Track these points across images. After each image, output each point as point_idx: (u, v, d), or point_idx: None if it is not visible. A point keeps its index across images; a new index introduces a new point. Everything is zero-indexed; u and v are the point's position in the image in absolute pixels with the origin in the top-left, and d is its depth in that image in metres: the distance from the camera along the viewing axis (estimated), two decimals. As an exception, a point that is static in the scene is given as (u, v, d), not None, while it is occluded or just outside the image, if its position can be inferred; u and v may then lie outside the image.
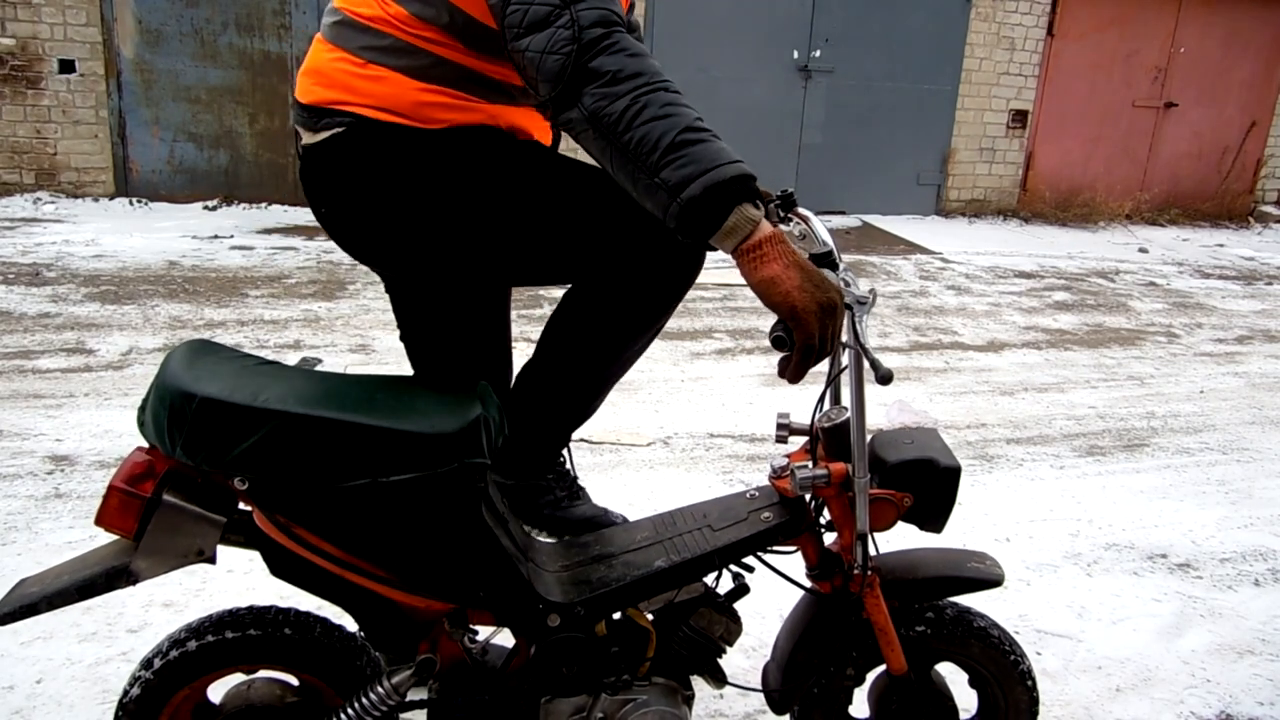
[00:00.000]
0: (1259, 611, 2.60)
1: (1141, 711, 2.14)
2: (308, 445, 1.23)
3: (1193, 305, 6.23)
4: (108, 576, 1.29)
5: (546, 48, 1.21)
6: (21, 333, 4.13)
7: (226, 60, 6.88)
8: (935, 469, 1.44)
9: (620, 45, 1.21)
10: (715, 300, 5.42)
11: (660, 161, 1.17)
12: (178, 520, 1.28)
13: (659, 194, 1.19)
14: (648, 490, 3.04)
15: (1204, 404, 4.32)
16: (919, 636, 1.60)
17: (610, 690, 1.47)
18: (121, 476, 1.29)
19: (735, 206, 1.18)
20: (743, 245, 1.20)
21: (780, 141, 8.10)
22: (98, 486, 2.84)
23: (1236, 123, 9.58)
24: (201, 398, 1.23)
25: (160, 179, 6.94)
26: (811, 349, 1.22)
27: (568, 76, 1.20)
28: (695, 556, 1.47)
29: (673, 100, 1.20)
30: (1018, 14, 8.51)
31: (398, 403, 1.31)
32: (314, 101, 1.45)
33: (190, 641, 1.39)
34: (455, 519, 1.32)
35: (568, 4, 1.21)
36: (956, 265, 6.87)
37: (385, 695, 1.38)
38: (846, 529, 1.46)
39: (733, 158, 1.19)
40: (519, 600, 1.41)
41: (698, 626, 1.51)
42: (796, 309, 1.19)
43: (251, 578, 2.36)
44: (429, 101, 1.42)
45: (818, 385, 1.60)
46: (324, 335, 4.32)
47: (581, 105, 1.20)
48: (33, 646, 2.09)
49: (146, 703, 1.39)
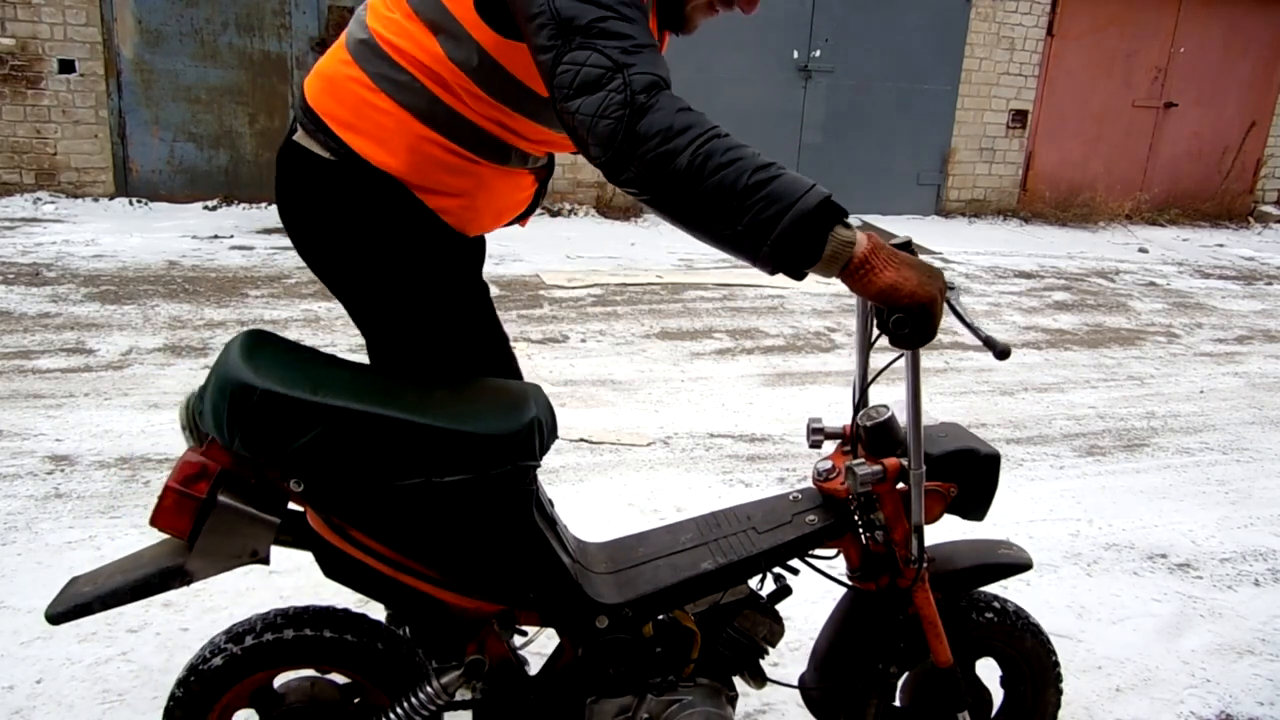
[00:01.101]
0: (1259, 611, 2.60)
1: (1141, 711, 2.14)
2: (365, 442, 1.25)
3: (1193, 305, 6.23)
4: (162, 576, 1.29)
5: (598, 111, 1.19)
6: (21, 333, 4.13)
7: (226, 60, 6.87)
8: (978, 458, 1.48)
9: (664, 104, 1.19)
10: (715, 300, 5.42)
11: (739, 208, 1.16)
12: (232, 521, 1.29)
13: (745, 241, 1.18)
14: (648, 490, 3.04)
15: (1204, 404, 4.32)
16: (985, 624, 1.62)
17: (655, 691, 1.48)
18: (176, 477, 1.29)
19: (828, 234, 1.18)
20: (849, 267, 1.20)
21: (780, 141, 8.10)
22: (98, 486, 2.84)
23: (1236, 123, 9.58)
24: (263, 390, 1.23)
25: (160, 179, 6.93)
26: (932, 332, 1.25)
27: (619, 141, 1.19)
28: (741, 559, 1.48)
29: (731, 145, 1.19)
30: (1018, 14, 8.50)
31: (454, 402, 1.33)
32: (320, 110, 1.45)
33: (287, 630, 1.38)
34: (507, 520, 1.34)
35: (621, 68, 1.20)
36: (956, 265, 6.87)
37: (434, 695, 1.39)
38: (899, 524, 1.47)
39: (809, 185, 1.17)
40: (568, 602, 1.42)
41: (742, 628, 1.53)
42: (925, 304, 1.21)
43: (251, 578, 2.36)
44: (426, 152, 1.42)
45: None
46: (324, 335, 4.32)
47: (640, 166, 1.19)
48: (33, 646, 2.09)
49: (223, 675, 1.38)
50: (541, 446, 1.34)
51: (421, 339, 1.54)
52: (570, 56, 1.21)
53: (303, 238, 1.53)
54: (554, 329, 4.71)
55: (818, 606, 2.21)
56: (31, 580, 2.32)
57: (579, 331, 4.69)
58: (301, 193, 1.49)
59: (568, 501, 2.92)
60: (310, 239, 1.52)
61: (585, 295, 5.38)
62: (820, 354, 4.59)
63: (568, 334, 4.64)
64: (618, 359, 4.33)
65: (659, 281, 5.76)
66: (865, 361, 1.53)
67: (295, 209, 1.51)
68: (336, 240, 1.48)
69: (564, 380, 4.00)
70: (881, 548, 1.51)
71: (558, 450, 3.29)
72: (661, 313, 5.12)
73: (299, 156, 1.48)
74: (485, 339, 1.62)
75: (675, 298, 5.44)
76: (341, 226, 1.47)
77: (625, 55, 1.20)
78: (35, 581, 2.32)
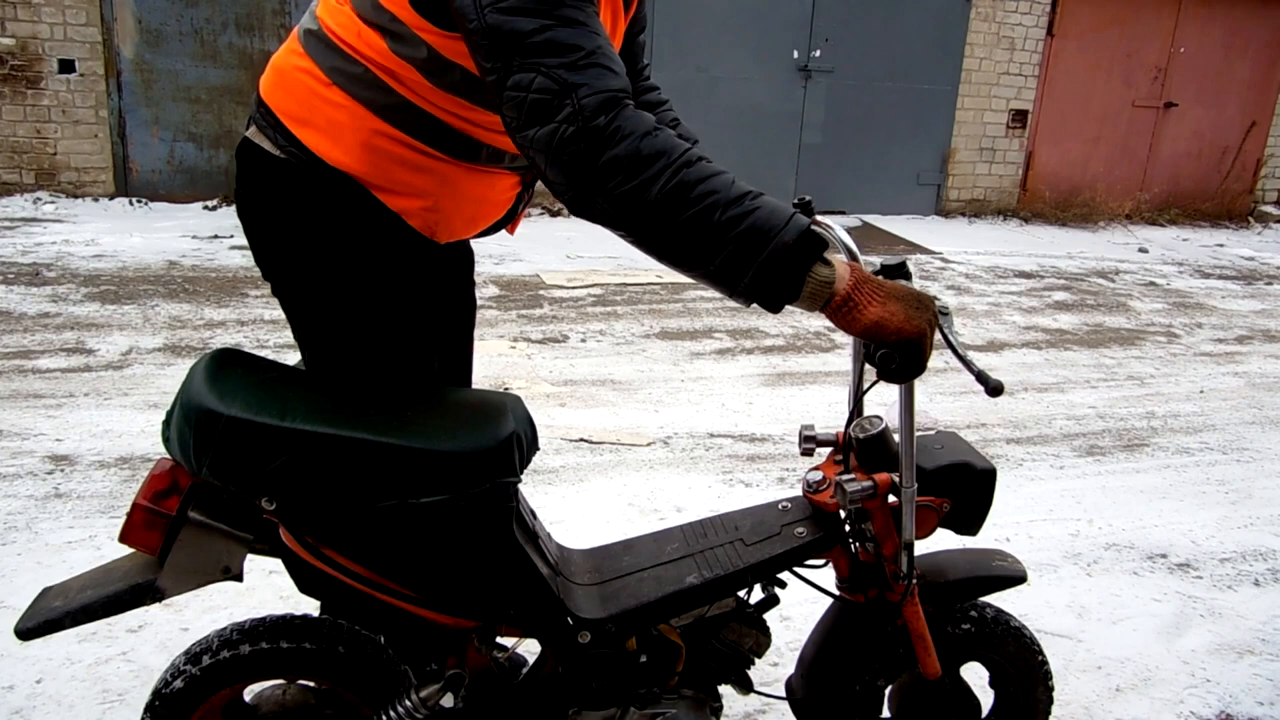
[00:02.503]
0: (1259, 611, 2.60)
1: (1141, 711, 2.14)
2: (337, 466, 1.21)
3: (1193, 305, 6.23)
4: (133, 593, 1.26)
5: (554, 145, 1.10)
6: (21, 333, 4.13)
7: (226, 60, 6.88)
8: (973, 472, 1.44)
9: (626, 127, 1.10)
10: (715, 300, 5.42)
11: (714, 245, 1.10)
12: (204, 538, 1.26)
13: (720, 278, 1.13)
14: (648, 490, 3.03)
15: (1204, 404, 4.32)
16: (964, 635, 1.60)
17: (639, 703, 1.46)
18: (145, 493, 1.26)
19: (805, 275, 1.12)
20: (831, 305, 1.14)
21: (780, 141, 8.10)
22: (98, 486, 2.84)
23: (1236, 123, 9.57)
24: (228, 418, 1.19)
25: (160, 179, 6.93)
26: (921, 367, 1.19)
27: (581, 178, 1.10)
28: (728, 574, 1.44)
29: (704, 174, 1.11)
30: (1018, 14, 8.50)
31: (428, 419, 1.28)
32: (273, 105, 1.36)
33: (243, 645, 1.34)
34: (486, 538, 1.30)
35: (569, 89, 1.09)
36: (956, 265, 6.87)
37: (414, 708, 1.36)
38: (889, 539, 1.44)
39: (786, 216, 1.10)
40: (549, 618, 1.39)
41: (728, 640, 1.50)
42: (913, 339, 1.16)
43: (251, 578, 2.36)
44: (383, 148, 1.32)
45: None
46: (324, 335, 4.32)
47: (607, 202, 1.11)
48: (32, 646, 2.08)
49: (186, 697, 1.35)
50: (521, 461, 1.29)
51: (362, 353, 1.39)
52: (513, 81, 1.11)
53: (255, 238, 1.42)
54: (554, 329, 4.71)
55: (818, 606, 2.20)
56: (31, 580, 2.32)
57: (579, 331, 4.69)
58: (253, 191, 1.39)
59: (568, 502, 2.92)
60: (261, 240, 1.41)
61: (585, 295, 5.38)
62: (820, 354, 4.59)
63: (568, 334, 4.64)
64: (618, 359, 4.33)
65: (659, 281, 5.76)
66: (860, 369, 1.49)
67: (247, 208, 1.40)
68: (287, 242, 1.37)
69: (564, 380, 4.00)
70: (871, 557, 1.49)
71: (558, 450, 3.29)
72: (661, 313, 5.12)
73: (251, 154, 1.38)
74: (426, 352, 1.47)
75: (675, 297, 5.44)
76: (293, 228, 1.35)
77: (572, 73, 1.09)
78: (35, 581, 2.32)
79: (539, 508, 1.59)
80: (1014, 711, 1.70)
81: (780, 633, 2.25)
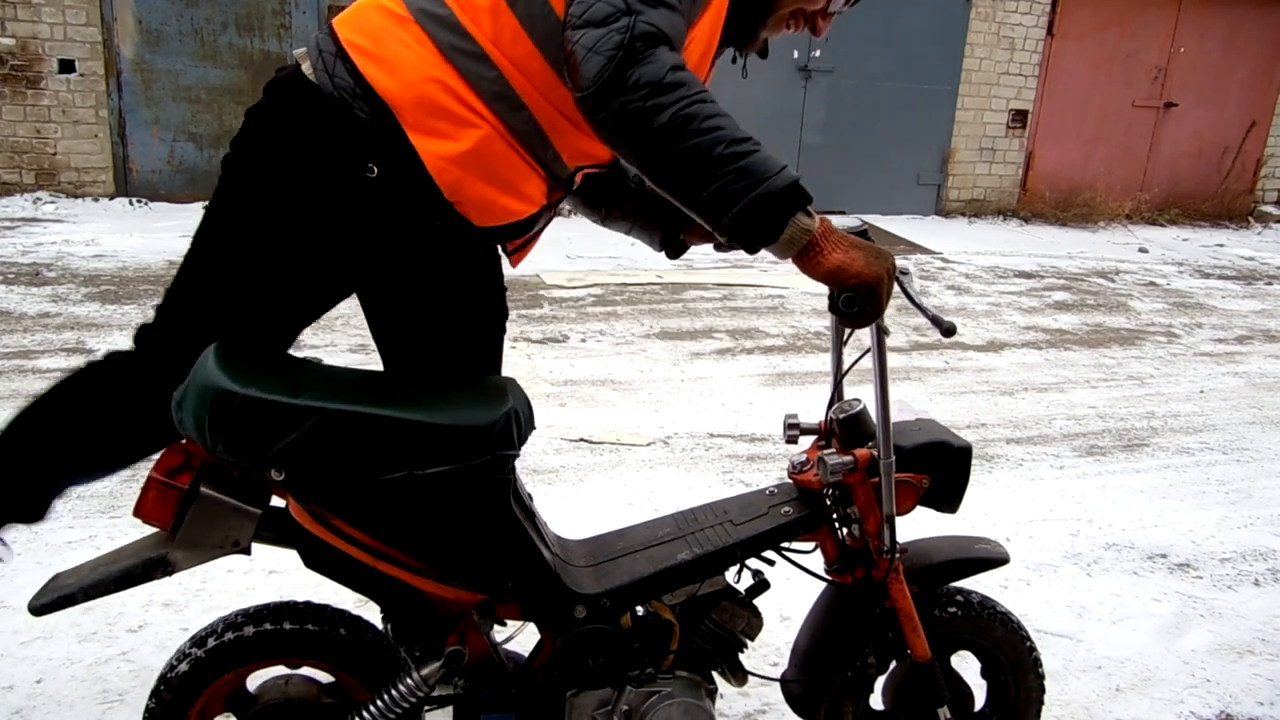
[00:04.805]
0: (1259, 611, 2.60)
1: (1141, 711, 2.14)
2: (348, 440, 1.26)
3: (1193, 305, 6.23)
4: (144, 567, 1.31)
5: (594, 45, 1.20)
6: (21, 333, 4.13)
7: (226, 60, 6.88)
8: (950, 450, 1.50)
9: (659, 57, 1.20)
10: (715, 300, 5.42)
11: (708, 175, 1.19)
12: (214, 512, 1.31)
13: (708, 208, 1.21)
14: (648, 490, 3.04)
15: (1204, 404, 4.32)
16: (950, 619, 1.63)
17: (635, 683, 1.50)
18: (159, 469, 1.31)
19: (789, 219, 1.21)
20: (801, 251, 1.24)
21: (780, 141, 8.10)
22: (98, 486, 2.83)
23: (1236, 123, 9.58)
24: (243, 396, 1.24)
25: (160, 179, 6.94)
26: (880, 309, 1.28)
27: (605, 80, 1.19)
28: (718, 549, 1.50)
29: (713, 113, 1.20)
30: (1018, 14, 8.51)
31: (433, 397, 1.35)
32: (341, 36, 1.35)
33: (247, 627, 1.40)
34: (486, 509, 1.36)
35: (631, 12, 1.21)
36: (956, 265, 6.87)
37: (414, 688, 1.39)
38: (872, 515, 1.50)
39: (780, 166, 1.20)
40: (546, 591, 1.44)
41: (720, 620, 1.54)
42: (871, 282, 1.25)
43: (251, 578, 2.36)
44: (433, 93, 1.31)
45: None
46: (324, 335, 4.32)
47: (620, 111, 1.20)
48: (32, 646, 2.09)
49: (192, 680, 1.39)
50: (519, 436, 1.36)
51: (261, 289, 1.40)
52: None
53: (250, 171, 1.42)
54: (554, 329, 4.71)
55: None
56: (31, 580, 2.31)
57: (579, 331, 4.69)
58: (278, 125, 1.39)
59: (568, 501, 2.92)
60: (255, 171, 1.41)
61: (585, 295, 5.38)
62: (820, 354, 4.59)
63: (568, 334, 4.64)
64: (618, 359, 4.33)
65: (659, 281, 5.76)
66: (839, 358, 1.58)
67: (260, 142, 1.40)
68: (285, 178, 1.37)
69: (564, 380, 4.00)
70: (858, 543, 1.53)
71: (558, 450, 3.29)
72: (661, 312, 5.12)
73: (292, 90, 1.38)
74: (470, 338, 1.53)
75: (675, 297, 5.44)
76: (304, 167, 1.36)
77: (640, 2, 1.22)
78: (35, 581, 2.30)
79: (539, 507, 1.61)
80: (1007, 700, 1.72)
81: (780, 633, 2.25)
